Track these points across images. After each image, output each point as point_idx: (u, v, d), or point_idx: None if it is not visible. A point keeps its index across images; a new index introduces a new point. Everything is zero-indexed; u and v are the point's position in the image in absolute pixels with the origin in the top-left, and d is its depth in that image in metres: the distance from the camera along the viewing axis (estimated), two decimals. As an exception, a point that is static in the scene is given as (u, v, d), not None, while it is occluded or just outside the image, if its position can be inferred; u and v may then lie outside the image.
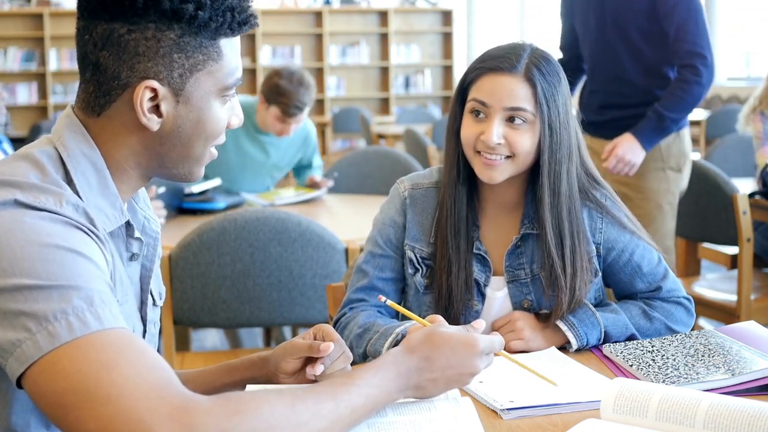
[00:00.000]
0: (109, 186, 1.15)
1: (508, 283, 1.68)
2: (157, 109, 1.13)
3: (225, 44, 1.16)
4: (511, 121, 1.60)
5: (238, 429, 0.93)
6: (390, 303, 1.40)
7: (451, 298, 1.64)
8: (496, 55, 1.62)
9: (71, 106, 1.18)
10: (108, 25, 1.11)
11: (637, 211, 2.59)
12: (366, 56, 11.11)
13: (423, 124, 7.85)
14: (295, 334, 3.06)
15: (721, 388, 1.34)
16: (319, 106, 10.95)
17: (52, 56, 10.03)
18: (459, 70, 11.20)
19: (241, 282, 2.48)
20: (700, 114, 8.34)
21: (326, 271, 2.49)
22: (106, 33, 1.11)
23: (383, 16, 11.17)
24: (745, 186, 3.29)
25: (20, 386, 0.98)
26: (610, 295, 1.81)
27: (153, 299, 1.29)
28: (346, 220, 3.22)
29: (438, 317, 1.36)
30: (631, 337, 1.64)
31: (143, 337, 1.26)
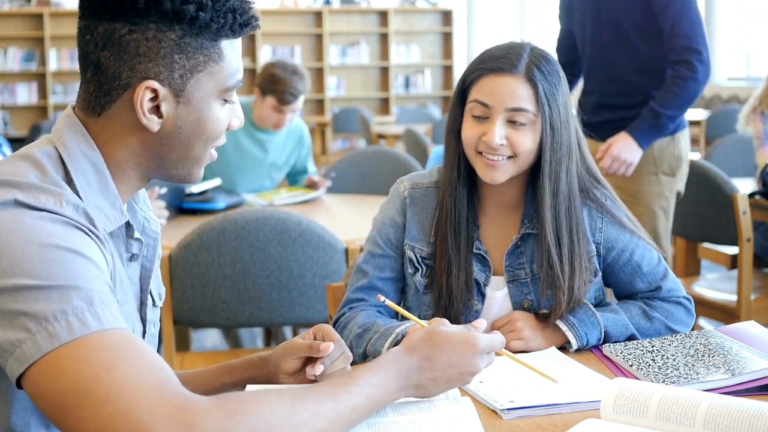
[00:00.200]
0: (109, 186, 1.15)
1: (508, 282, 1.68)
2: (157, 110, 1.13)
3: (226, 45, 1.15)
4: (513, 122, 1.60)
5: (237, 429, 0.93)
6: (388, 303, 1.40)
7: (451, 298, 1.64)
8: (496, 56, 1.62)
9: (71, 106, 1.18)
10: (109, 25, 1.11)
11: None
12: (366, 56, 11.12)
13: (423, 124, 7.85)
14: (295, 334, 3.06)
15: (721, 388, 1.34)
16: (319, 106, 10.95)
17: (52, 56, 10.04)
18: (459, 70, 11.19)
19: (241, 282, 2.47)
20: (700, 114, 8.34)
21: (326, 271, 2.49)
22: (107, 33, 1.11)
23: (383, 16, 11.17)
24: (745, 186, 3.29)
25: (20, 386, 0.98)
26: (610, 295, 1.81)
27: (153, 300, 1.29)
28: (346, 220, 3.22)
29: (440, 320, 1.36)
30: (631, 337, 1.64)
31: (143, 337, 1.26)
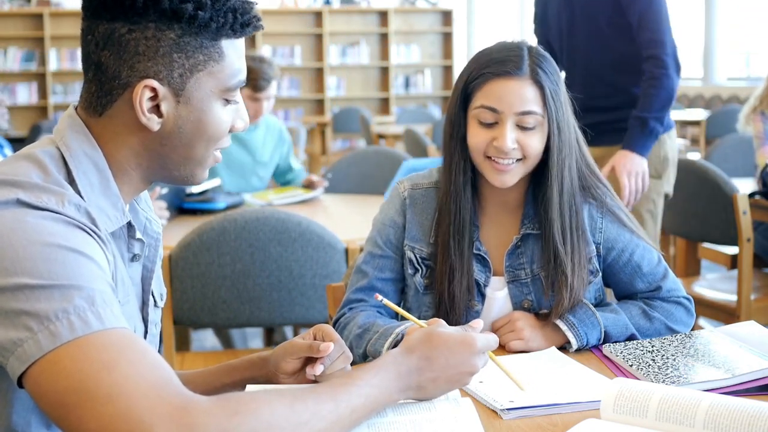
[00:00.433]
0: (111, 186, 1.14)
1: (508, 283, 1.68)
2: (157, 109, 1.13)
3: (227, 45, 1.15)
4: (523, 125, 1.60)
5: (238, 429, 0.93)
6: (386, 302, 1.40)
7: (451, 299, 1.64)
8: (498, 59, 1.61)
9: (74, 106, 1.18)
10: (109, 25, 1.11)
11: None
12: (366, 56, 11.11)
13: (423, 124, 7.85)
14: (296, 334, 3.06)
15: (721, 388, 1.34)
16: (319, 106, 10.95)
17: (52, 56, 10.03)
18: (459, 70, 11.16)
19: (241, 282, 2.48)
20: (700, 114, 8.34)
21: (326, 271, 2.49)
22: (108, 33, 1.11)
23: (383, 16, 11.17)
24: (745, 186, 3.29)
25: (21, 386, 0.98)
26: (610, 295, 1.81)
27: (154, 300, 1.29)
28: (346, 220, 3.22)
29: (438, 320, 1.36)
30: (631, 337, 1.64)
31: (144, 337, 1.26)
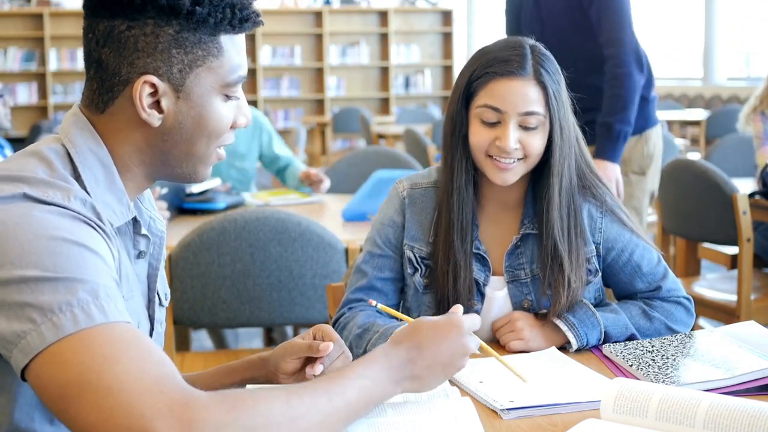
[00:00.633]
0: (116, 182, 1.15)
1: (508, 283, 1.68)
2: (158, 105, 1.13)
3: (226, 41, 1.15)
4: (525, 125, 1.60)
5: (236, 424, 0.94)
6: (381, 306, 1.41)
7: (451, 298, 1.64)
8: (501, 58, 1.61)
9: (77, 105, 1.19)
10: (109, 23, 1.12)
11: None
12: (366, 56, 11.11)
13: (423, 124, 7.84)
14: (296, 334, 3.06)
15: (721, 388, 1.34)
16: (319, 106, 10.95)
17: (52, 56, 10.04)
18: (459, 70, 11.16)
19: (241, 282, 2.47)
20: (700, 114, 8.34)
21: (326, 271, 2.49)
22: (107, 30, 1.12)
23: (383, 16, 11.17)
24: (745, 186, 3.29)
25: (24, 379, 0.98)
26: (610, 295, 1.81)
27: (159, 299, 1.30)
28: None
29: (458, 306, 1.36)
30: (631, 337, 1.64)
31: (150, 335, 1.27)
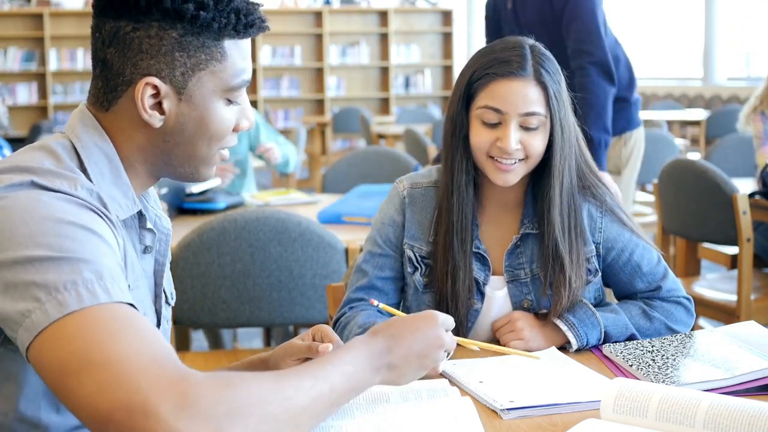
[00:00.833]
0: (122, 176, 1.18)
1: (508, 282, 1.68)
2: (159, 107, 1.16)
3: (230, 45, 1.17)
4: (526, 126, 1.60)
5: (230, 400, 0.95)
6: (382, 306, 1.42)
7: (451, 297, 1.64)
8: (502, 59, 1.61)
9: (84, 103, 1.22)
10: (115, 23, 1.14)
11: None
12: (366, 56, 11.11)
13: (423, 124, 7.84)
14: (296, 334, 3.06)
15: (721, 388, 1.34)
16: (319, 106, 10.95)
17: (52, 56, 10.03)
18: (459, 70, 11.16)
19: (241, 282, 2.48)
20: (700, 114, 8.34)
21: (326, 271, 2.49)
22: (113, 30, 1.14)
23: (383, 16, 11.17)
24: (745, 186, 3.29)
25: (28, 359, 0.99)
26: (610, 295, 1.81)
27: (166, 297, 1.32)
28: (346, 220, 3.21)
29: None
30: (631, 337, 1.64)
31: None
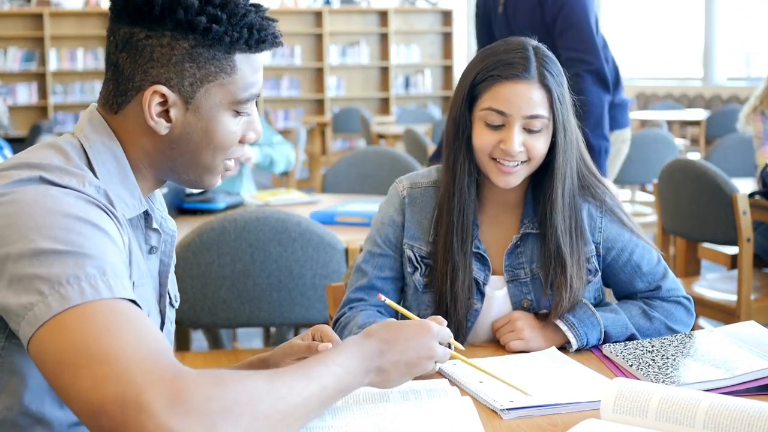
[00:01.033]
0: (129, 176, 1.19)
1: (507, 282, 1.68)
2: (167, 114, 1.17)
3: (241, 59, 1.18)
4: (529, 128, 1.60)
5: (222, 397, 0.96)
6: (388, 302, 1.42)
7: (451, 297, 1.64)
8: (506, 61, 1.61)
9: (94, 104, 1.23)
10: (129, 29, 1.16)
11: None
12: (366, 56, 11.11)
13: (423, 124, 7.84)
14: (296, 334, 3.06)
15: (721, 388, 1.34)
16: (319, 106, 10.95)
17: (52, 56, 10.03)
18: (459, 70, 11.18)
19: (241, 282, 2.48)
20: (700, 114, 8.34)
21: (326, 271, 2.49)
22: (127, 36, 1.16)
23: (383, 16, 11.16)
24: (745, 186, 3.28)
25: (29, 352, 1.00)
26: (610, 295, 1.81)
27: (170, 298, 1.33)
28: (346, 220, 3.21)
29: (439, 318, 1.36)
30: (631, 337, 1.64)
31: (161, 330, 1.29)
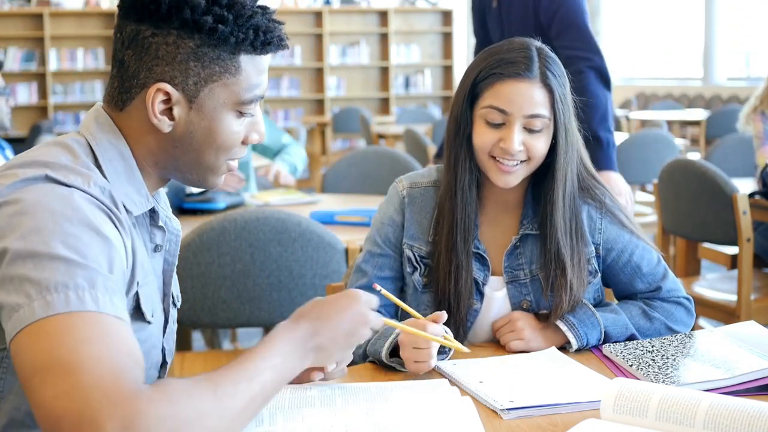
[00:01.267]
0: (135, 174, 1.20)
1: (507, 283, 1.68)
2: (170, 113, 1.17)
3: (246, 60, 1.19)
4: (530, 128, 1.60)
5: (171, 416, 0.94)
6: (384, 292, 1.43)
7: (450, 297, 1.64)
8: (508, 60, 1.60)
9: (99, 102, 1.24)
10: (136, 26, 1.17)
11: None
12: (366, 56, 11.11)
13: (423, 124, 7.84)
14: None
15: (721, 388, 1.34)
16: (319, 106, 10.95)
17: (52, 56, 10.03)
18: (459, 70, 11.18)
19: (241, 282, 2.48)
20: (700, 114, 8.35)
21: (326, 271, 2.49)
22: (133, 33, 1.17)
23: (383, 16, 11.16)
24: (745, 186, 3.28)
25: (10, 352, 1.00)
26: (610, 295, 1.81)
27: (173, 298, 1.33)
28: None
29: (440, 314, 1.37)
30: (631, 337, 1.64)
31: (164, 330, 1.30)
